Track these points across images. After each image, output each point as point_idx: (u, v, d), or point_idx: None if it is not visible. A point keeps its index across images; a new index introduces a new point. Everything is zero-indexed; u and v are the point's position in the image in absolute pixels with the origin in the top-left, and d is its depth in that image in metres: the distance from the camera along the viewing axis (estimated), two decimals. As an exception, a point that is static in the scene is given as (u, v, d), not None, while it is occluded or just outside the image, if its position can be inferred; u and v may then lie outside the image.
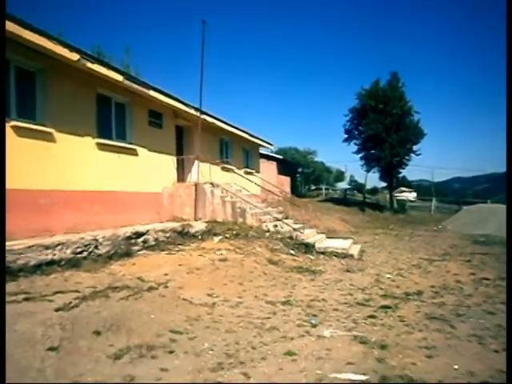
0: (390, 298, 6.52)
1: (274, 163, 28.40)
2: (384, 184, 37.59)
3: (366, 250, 12.35)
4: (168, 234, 9.80)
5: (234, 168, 16.57)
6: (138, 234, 8.76)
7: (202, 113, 12.72)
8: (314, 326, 4.94)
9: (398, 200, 31.84)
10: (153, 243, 9.14)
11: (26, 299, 4.59)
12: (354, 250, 11.24)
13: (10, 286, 5.22)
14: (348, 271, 8.90)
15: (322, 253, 10.78)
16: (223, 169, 15.78)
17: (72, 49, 7.66)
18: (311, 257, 10.41)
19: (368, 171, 29.89)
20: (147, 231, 9.05)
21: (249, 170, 18.86)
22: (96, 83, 9.04)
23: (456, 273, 8.81)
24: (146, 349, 3.78)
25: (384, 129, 25.52)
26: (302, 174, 39.54)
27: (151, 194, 11.16)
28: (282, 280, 7.61)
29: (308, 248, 10.91)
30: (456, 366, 3.76)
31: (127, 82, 9.30)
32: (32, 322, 3.91)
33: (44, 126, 7.70)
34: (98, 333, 3.96)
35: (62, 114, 8.13)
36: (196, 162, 13.41)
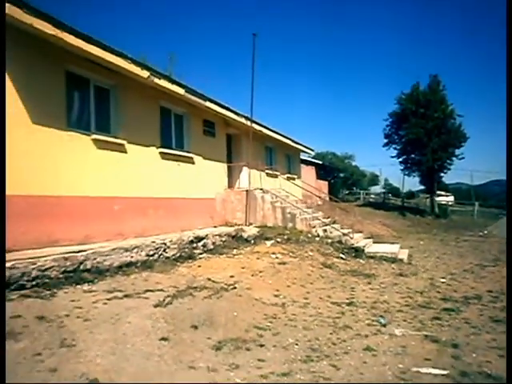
0: (449, 301, 6.71)
1: (313, 168, 28.68)
2: (419, 188, 37.12)
3: (414, 254, 12.43)
4: (224, 239, 10.30)
5: (278, 174, 16.99)
6: (199, 239, 9.29)
7: (251, 121, 13.20)
8: (384, 325, 5.25)
9: (439, 204, 31.33)
10: (211, 247, 9.65)
11: (126, 296, 5.14)
12: (403, 255, 11.38)
13: (102, 285, 5.84)
14: (401, 275, 9.09)
15: (372, 257, 11.00)
16: (268, 175, 16.21)
17: (143, 66, 8.30)
18: (361, 261, 10.65)
19: (408, 175, 29.74)
20: (206, 235, 9.58)
21: (291, 176, 19.22)
22: (159, 96, 9.68)
23: (512, 278, 8.84)
24: (241, 342, 4.22)
25: (425, 133, 25.28)
26: (340, 179, 39.61)
27: (206, 199, 11.72)
28: (339, 283, 7.92)
29: (358, 252, 11.16)
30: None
31: (187, 95, 9.89)
32: (140, 315, 4.44)
33: (117, 137, 8.36)
34: (195, 327, 4.44)
35: (131, 126, 8.79)
36: (244, 168, 13.94)
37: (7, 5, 5.47)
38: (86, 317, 4.25)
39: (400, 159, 28.61)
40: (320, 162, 31.01)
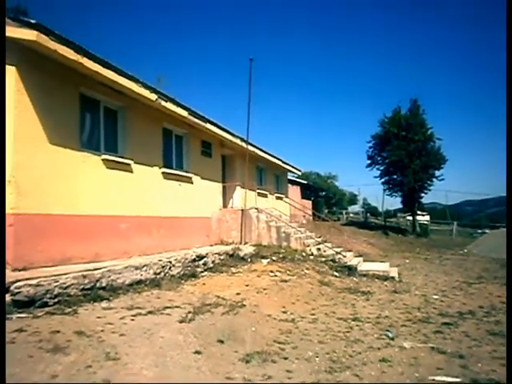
0: (446, 316, 7.10)
1: (298, 187, 29.25)
2: (397, 207, 38.10)
3: (402, 272, 12.85)
4: (222, 257, 10.54)
5: (267, 193, 17.38)
6: (201, 257, 9.51)
7: (247, 143, 13.59)
8: (392, 338, 5.58)
9: (420, 224, 32.25)
10: (211, 265, 9.87)
11: (149, 312, 5.33)
12: (394, 273, 11.80)
13: (118, 302, 6.02)
14: (395, 292, 9.47)
15: (365, 275, 11.38)
16: (260, 194, 16.57)
17: (151, 90, 8.60)
18: (355, 279, 11.01)
19: (390, 195, 30.61)
20: (207, 254, 9.80)
21: (279, 195, 19.65)
22: (162, 118, 9.98)
23: (498, 295, 9.33)
24: (266, 355, 4.47)
25: (407, 155, 26.25)
26: (322, 198, 40.34)
27: (203, 218, 11.95)
28: (339, 300, 8.23)
29: (351, 271, 11.53)
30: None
31: (190, 117, 10.22)
32: (170, 330, 4.65)
33: (124, 157, 8.58)
34: (221, 341, 4.67)
35: (136, 146, 9.04)
36: (237, 188, 14.27)
37: (35, 32, 5.74)
38: (121, 332, 4.43)
39: (382, 180, 29.51)
40: (305, 182, 31.64)
